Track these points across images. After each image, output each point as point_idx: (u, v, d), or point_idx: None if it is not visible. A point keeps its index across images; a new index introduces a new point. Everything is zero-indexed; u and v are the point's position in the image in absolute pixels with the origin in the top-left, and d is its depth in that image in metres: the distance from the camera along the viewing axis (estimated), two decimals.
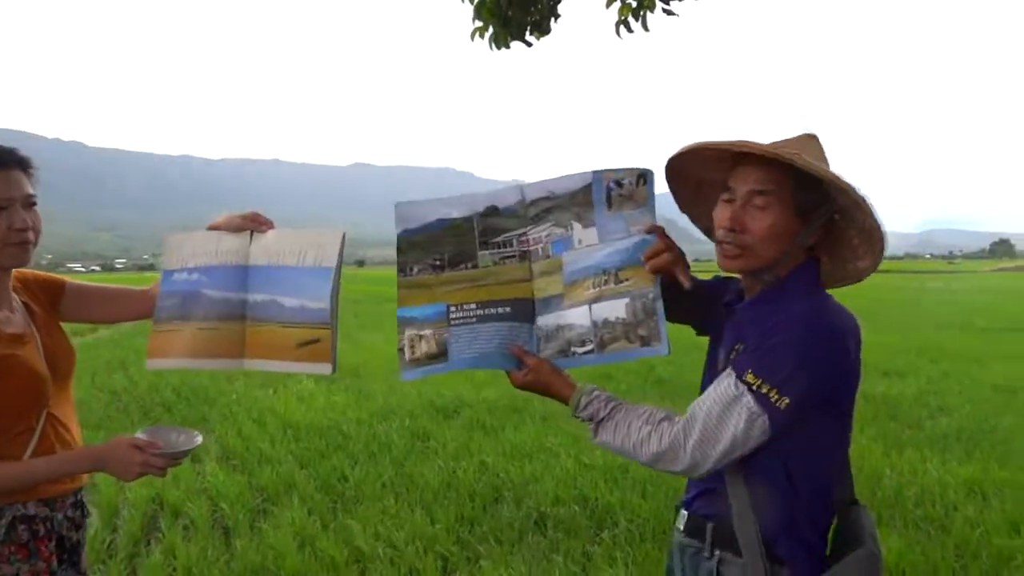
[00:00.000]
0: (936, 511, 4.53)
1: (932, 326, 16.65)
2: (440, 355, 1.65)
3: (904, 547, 3.88)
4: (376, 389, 8.54)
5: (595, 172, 1.64)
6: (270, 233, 1.80)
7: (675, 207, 1.75)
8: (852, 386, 1.48)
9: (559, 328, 1.64)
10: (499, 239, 1.68)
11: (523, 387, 1.63)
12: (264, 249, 1.78)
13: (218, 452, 5.99)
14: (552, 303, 1.66)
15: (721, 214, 1.53)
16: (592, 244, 1.65)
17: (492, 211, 1.68)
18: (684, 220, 1.81)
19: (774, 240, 1.48)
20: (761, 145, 1.45)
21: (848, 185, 1.42)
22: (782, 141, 1.54)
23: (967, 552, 3.95)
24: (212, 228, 1.82)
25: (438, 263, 1.68)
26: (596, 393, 1.58)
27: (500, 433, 6.44)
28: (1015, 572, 3.75)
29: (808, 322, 1.41)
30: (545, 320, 1.66)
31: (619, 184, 1.63)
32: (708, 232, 1.76)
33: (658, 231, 1.63)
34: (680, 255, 1.62)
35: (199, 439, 1.82)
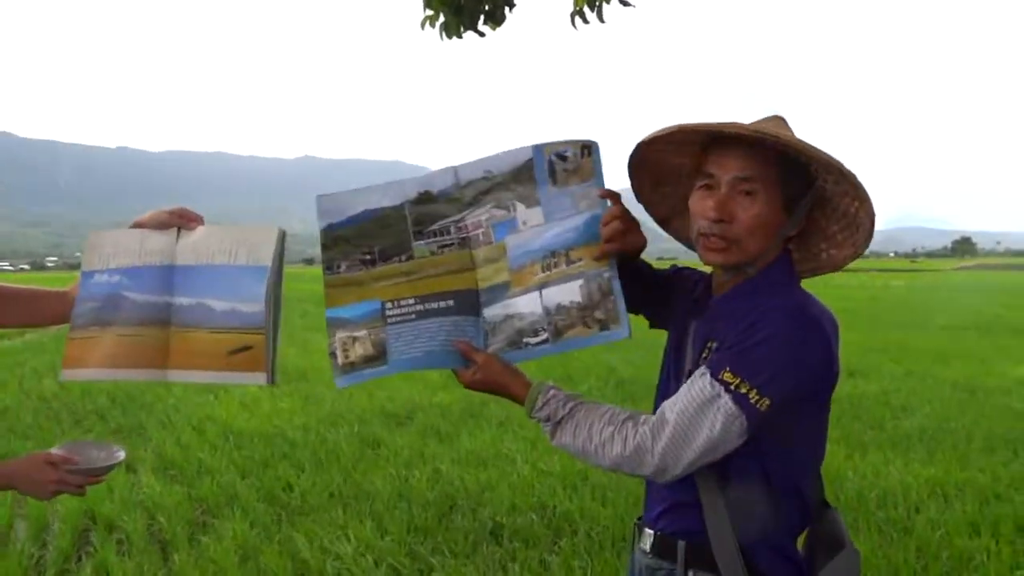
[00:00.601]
0: (898, 513, 4.63)
1: (895, 325, 17.09)
2: (378, 357, 1.58)
3: (868, 551, 3.95)
4: (324, 394, 8.45)
5: (535, 146, 1.59)
6: (199, 230, 1.72)
7: (627, 199, 1.70)
8: (832, 383, 1.44)
9: (508, 318, 1.58)
10: (435, 227, 1.61)
11: (472, 387, 1.57)
12: (192, 248, 1.69)
13: (155, 462, 5.87)
14: (498, 292, 1.59)
15: (703, 203, 1.46)
16: (537, 224, 1.58)
17: (425, 197, 1.61)
18: (644, 215, 1.76)
19: (761, 231, 1.43)
20: (748, 126, 1.40)
21: (847, 170, 1.38)
22: (756, 122, 1.48)
23: (928, 554, 4.04)
24: (136, 225, 1.74)
25: (368, 257, 1.60)
26: (553, 392, 1.51)
27: (455, 439, 6.42)
28: (974, 572, 3.85)
29: (790, 317, 1.37)
30: (492, 311, 1.59)
31: (562, 158, 1.57)
32: (663, 222, 1.74)
33: (612, 197, 1.56)
34: (633, 223, 1.56)
35: (121, 455, 1.76)
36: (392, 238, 1.61)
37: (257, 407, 7.78)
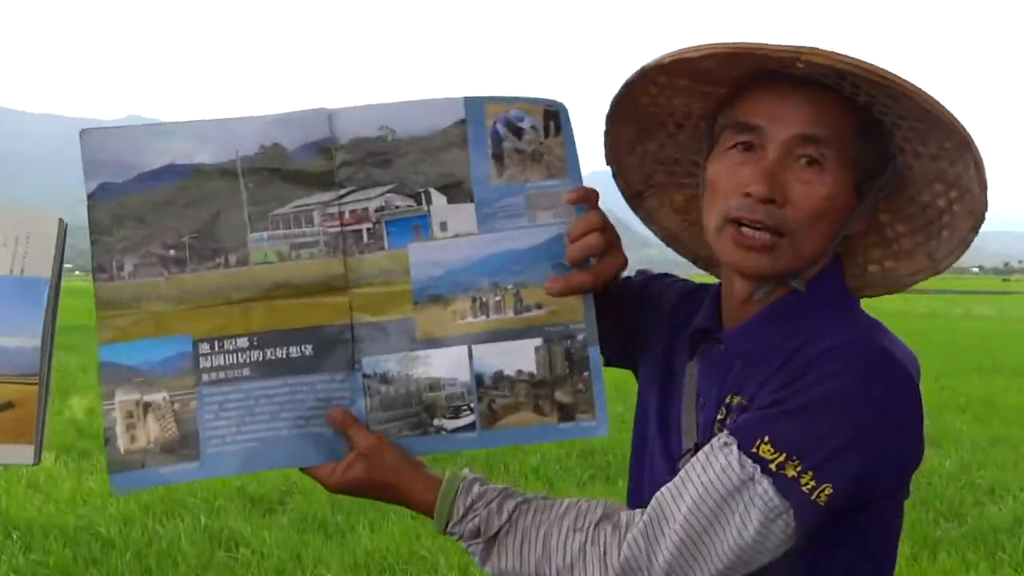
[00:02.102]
0: None
1: (978, 371, 17.36)
2: (184, 445, 1.38)
3: None
4: None
5: (469, 100, 1.42)
6: None
7: (606, 190, 1.54)
8: (919, 459, 1.38)
9: (407, 380, 1.41)
10: (286, 210, 1.40)
11: (344, 489, 1.41)
12: None
13: None
14: (392, 334, 1.41)
15: (738, 172, 1.36)
16: (467, 233, 1.42)
17: (273, 156, 1.40)
18: (628, 213, 1.66)
19: (825, 223, 1.35)
20: (848, 57, 1.24)
21: (959, 123, 1.26)
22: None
23: None
24: None
25: (172, 253, 1.39)
26: (479, 489, 1.38)
27: (349, 535, 6.38)
28: None
29: (863, 359, 1.29)
30: (379, 364, 1.41)
31: (515, 129, 1.42)
32: (634, 199, 1.66)
33: (588, 198, 1.43)
34: (616, 239, 1.44)
35: None
36: (214, 222, 1.40)
37: (54, 489, 7.62)
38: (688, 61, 1.33)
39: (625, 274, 1.60)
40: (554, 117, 1.44)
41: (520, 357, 1.40)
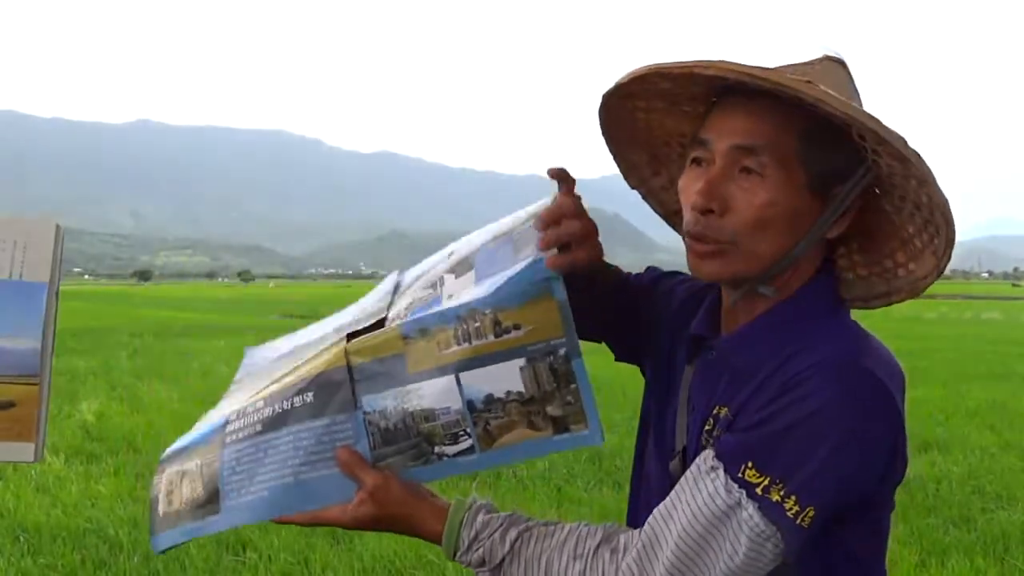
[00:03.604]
0: None
1: (988, 377, 17.33)
2: (208, 501, 1.48)
3: None
4: None
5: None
6: None
7: (615, 193, 1.56)
8: (901, 474, 1.40)
9: (405, 414, 1.44)
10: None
11: (357, 525, 1.45)
12: None
13: None
14: (387, 372, 1.45)
15: (688, 185, 1.41)
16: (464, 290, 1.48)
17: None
18: (636, 216, 1.69)
19: (774, 228, 1.36)
20: (748, 68, 1.29)
21: (892, 133, 1.27)
22: (789, 66, 1.42)
23: None
24: None
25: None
26: (483, 517, 1.42)
27: (356, 539, 6.37)
28: None
29: (842, 380, 1.30)
30: (377, 402, 1.45)
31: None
32: (672, 218, 1.69)
33: (562, 177, 1.43)
34: (591, 225, 1.42)
35: None
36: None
37: (62, 492, 7.65)
38: (649, 83, 1.40)
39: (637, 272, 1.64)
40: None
41: (507, 378, 1.41)
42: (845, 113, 1.26)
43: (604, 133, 1.57)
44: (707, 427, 1.42)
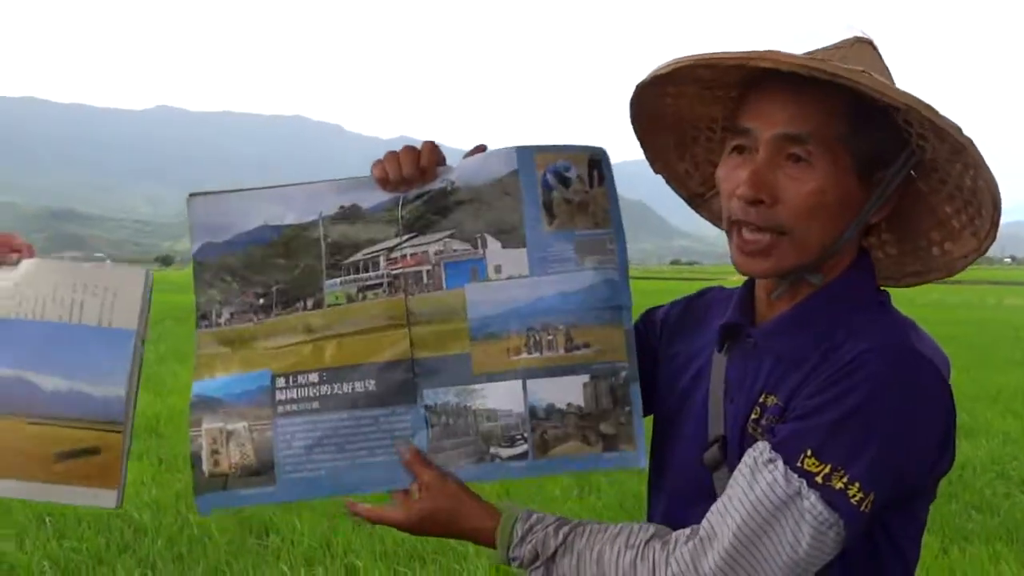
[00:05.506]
0: None
1: (1012, 363, 17.29)
2: (260, 471, 1.50)
3: None
4: (187, 454, 8.37)
5: (520, 150, 1.52)
6: (24, 265, 1.60)
7: (638, 180, 1.59)
8: (950, 459, 1.40)
9: (466, 414, 1.50)
10: (357, 258, 1.55)
11: (410, 524, 1.50)
12: (13, 293, 1.58)
13: None
14: (451, 369, 1.51)
15: (732, 176, 1.41)
16: (519, 276, 1.51)
17: (350, 213, 1.56)
18: (659, 203, 1.71)
19: (823, 216, 1.36)
20: (795, 57, 1.29)
21: (948, 121, 1.26)
22: (818, 51, 1.42)
23: None
24: None
25: (262, 302, 1.56)
26: (536, 516, 1.45)
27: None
28: None
29: (898, 364, 1.31)
30: (439, 397, 1.51)
31: (562, 179, 1.52)
32: (696, 200, 1.70)
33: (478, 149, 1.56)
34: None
35: None
36: (297, 272, 1.56)
37: None
38: (671, 72, 1.40)
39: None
40: (597, 165, 1.53)
41: (570, 391, 1.48)
42: (905, 104, 1.26)
43: (633, 121, 1.57)
44: (754, 415, 1.42)
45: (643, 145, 1.63)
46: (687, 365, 1.61)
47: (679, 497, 1.55)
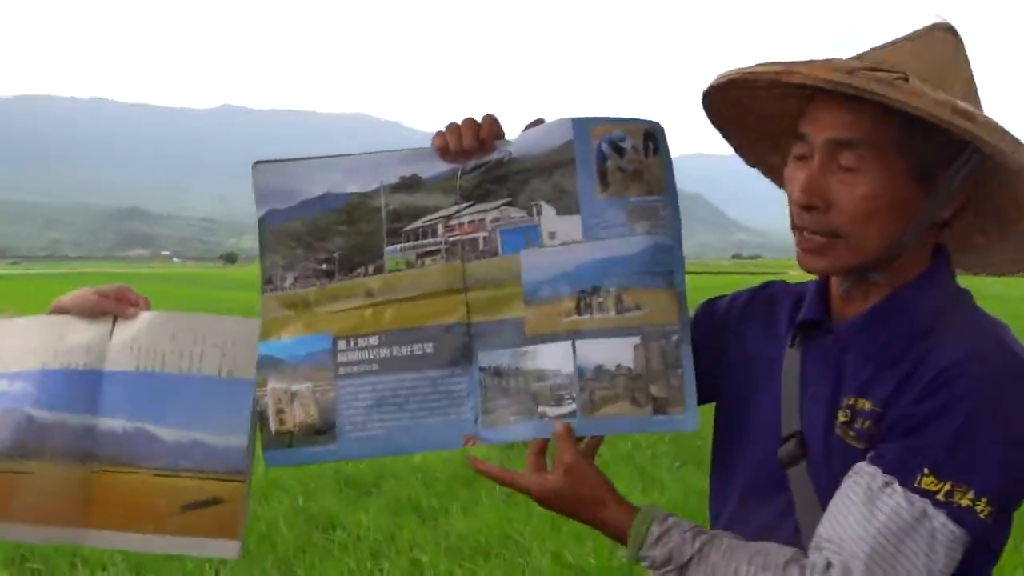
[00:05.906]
0: None
1: None
2: (323, 431, 1.55)
3: None
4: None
5: (576, 121, 1.54)
6: (142, 318, 1.62)
7: (695, 174, 1.58)
8: None
9: (518, 375, 1.53)
10: (416, 225, 1.58)
11: (547, 496, 1.49)
12: (131, 345, 1.59)
13: (8, 551, 5.90)
14: (504, 331, 1.55)
15: (791, 180, 1.42)
16: (572, 241, 1.53)
17: (411, 182, 1.59)
18: (715, 194, 1.68)
19: (878, 220, 1.35)
20: (824, 70, 1.29)
21: (999, 129, 1.25)
22: (886, 45, 1.42)
23: None
24: (56, 310, 1.64)
25: (325, 267, 1.59)
26: (672, 520, 1.43)
27: (441, 518, 6.46)
28: None
29: (998, 368, 1.30)
30: (492, 359, 1.55)
31: (617, 149, 1.52)
32: None
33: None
34: None
35: None
36: (359, 240, 1.59)
37: None
38: (739, 79, 1.42)
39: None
40: (652, 137, 1.53)
41: (620, 353, 1.50)
42: (931, 115, 1.24)
43: (712, 119, 1.59)
44: (843, 418, 1.41)
45: (730, 140, 1.64)
46: (755, 358, 1.60)
47: (751, 493, 1.54)
